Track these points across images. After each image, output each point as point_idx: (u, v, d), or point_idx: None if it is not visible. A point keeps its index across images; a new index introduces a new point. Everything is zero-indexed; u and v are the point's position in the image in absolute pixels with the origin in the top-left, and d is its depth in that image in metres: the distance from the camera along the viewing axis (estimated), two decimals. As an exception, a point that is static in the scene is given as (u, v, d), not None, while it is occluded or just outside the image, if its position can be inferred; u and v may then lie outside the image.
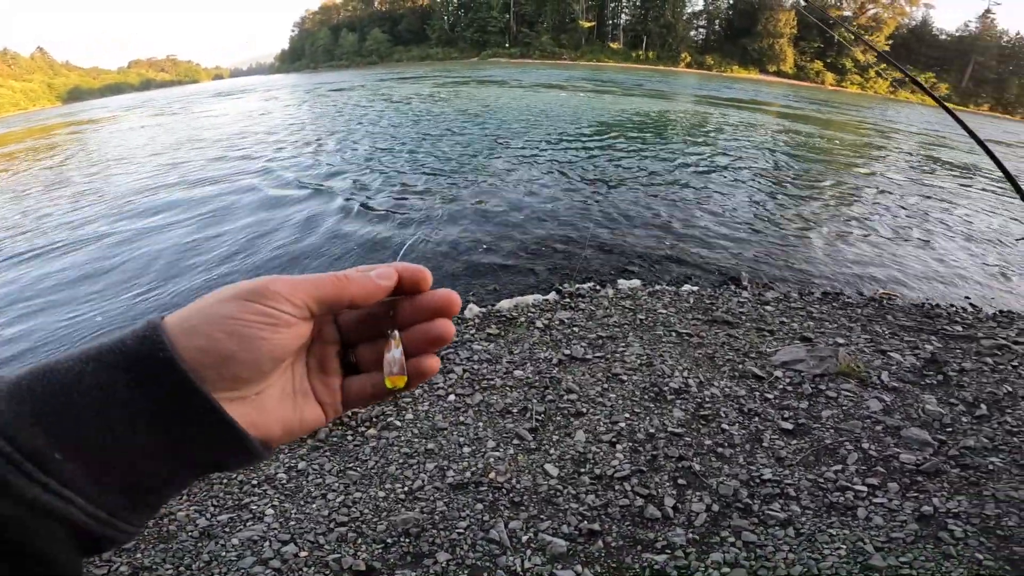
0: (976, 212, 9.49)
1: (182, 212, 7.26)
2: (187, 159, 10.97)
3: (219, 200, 7.66)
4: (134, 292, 4.96)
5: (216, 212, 7.14)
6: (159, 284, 5.08)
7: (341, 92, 27.43)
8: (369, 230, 6.24)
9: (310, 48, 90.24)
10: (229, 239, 6.10)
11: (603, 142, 12.65)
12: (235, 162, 10.34)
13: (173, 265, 5.50)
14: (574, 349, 3.59)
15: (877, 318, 4.50)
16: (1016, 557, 2.09)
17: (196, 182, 8.92)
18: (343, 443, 2.74)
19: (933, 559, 2.10)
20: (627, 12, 77.57)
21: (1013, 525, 2.25)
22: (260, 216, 6.89)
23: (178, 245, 6.02)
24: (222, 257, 5.63)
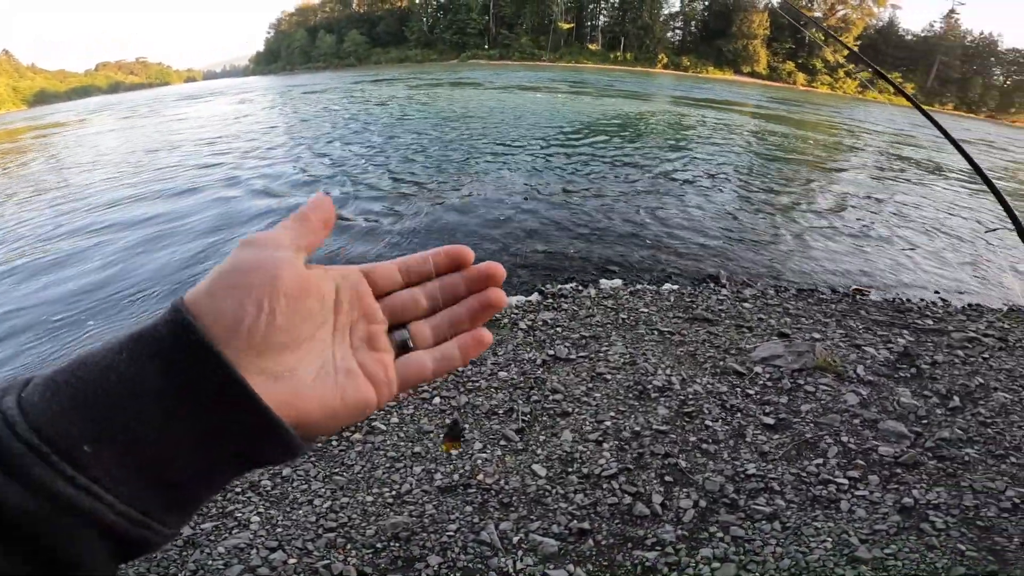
0: (943, 208, 9.81)
1: (141, 223, 6.85)
2: (153, 165, 10.62)
3: (182, 210, 7.30)
4: (82, 308, 4.63)
5: (177, 222, 6.75)
6: (109, 303, 4.72)
7: (318, 94, 27.12)
8: (342, 238, 6.05)
9: (286, 50, 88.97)
10: (185, 252, 5.77)
11: (581, 143, 12.74)
12: (202, 169, 10.00)
13: (125, 279, 5.13)
14: (558, 349, 3.61)
15: (851, 313, 4.61)
16: (998, 547, 2.15)
17: (159, 191, 8.49)
18: (327, 448, 2.71)
19: (917, 550, 2.15)
20: (605, 14, 78.36)
21: (992, 515, 2.32)
22: (220, 228, 6.52)
23: (132, 256, 5.69)
24: (173, 271, 5.25)
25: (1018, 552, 2.13)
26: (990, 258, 7.15)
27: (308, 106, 21.37)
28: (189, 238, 6.14)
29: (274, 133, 14.26)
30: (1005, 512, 2.34)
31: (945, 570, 2.05)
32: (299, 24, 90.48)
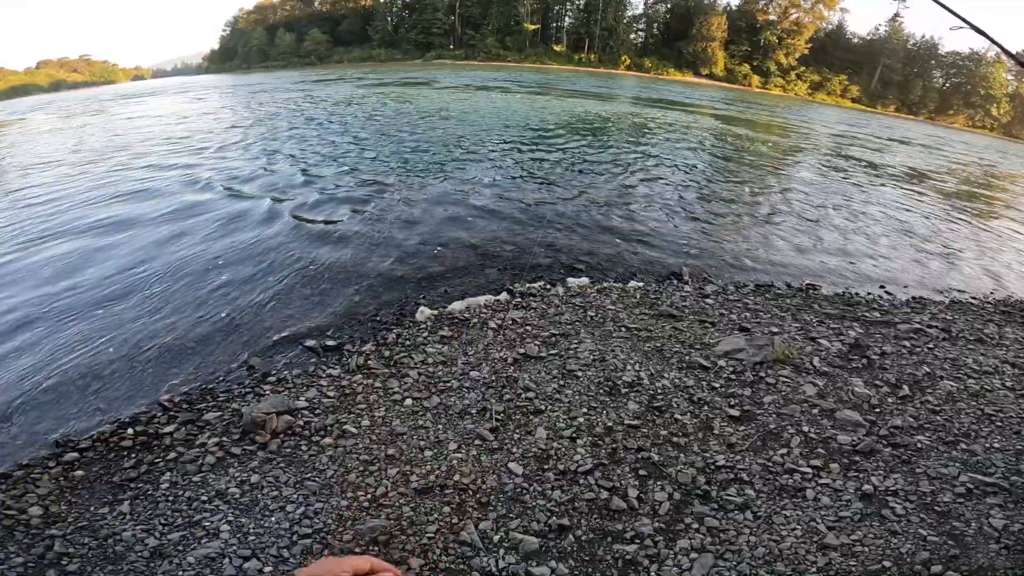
0: (886, 204, 10.37)
1: (83, 233, 6.20)
2: (101, 165, 9.99)
3: (131, 220, 6.61)
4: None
5: (124, 233, 6.10)
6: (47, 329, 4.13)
7: (276, 93, 26.41)
8: (307, 245, 5.76)
9: (243, 48, 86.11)
10: (141, 271, 5.11)
11: (547, 143, 12.83)
12: (149, 171, 9.40)
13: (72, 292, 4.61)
14: (528, 348, 3.64)
15: (805, 307, 4.81)
16: (957, 532, 2.28)
17: (109, 194, 7.82)
18: (297, 453, 2.66)
19: (881, 536, 2.26)
20: (571, 15, 78.93)
21: (948, 501, 2.45)
22: (173, 238, 5.94)
23: (77, 269, 5.14)
24: (122, 296, 4.57)
25: (977, 537, 2.25)
26: (930, 252, 7.58)
27: (266, 105, 20.77)
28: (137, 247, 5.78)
29: (230, 131, 13.70)
30: (960, 497, 2.47)
31: (909, 555, 2.16)
32: (258, 22, 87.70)
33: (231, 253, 5.50)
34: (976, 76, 70.83)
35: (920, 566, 2.11)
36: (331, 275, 5.00)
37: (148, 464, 2.59)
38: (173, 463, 2.59)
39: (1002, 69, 70.54)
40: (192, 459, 2.61)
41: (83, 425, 2.96)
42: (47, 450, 2.76)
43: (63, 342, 3.83)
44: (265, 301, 4.47)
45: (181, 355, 3.68)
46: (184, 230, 6.16)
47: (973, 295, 5.96)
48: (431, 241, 5.95)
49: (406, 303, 4.52)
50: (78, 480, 2.51)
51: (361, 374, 3.34)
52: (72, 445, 2.75)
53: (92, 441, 2.78)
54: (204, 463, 2.58)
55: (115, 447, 2.72)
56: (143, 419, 2.96)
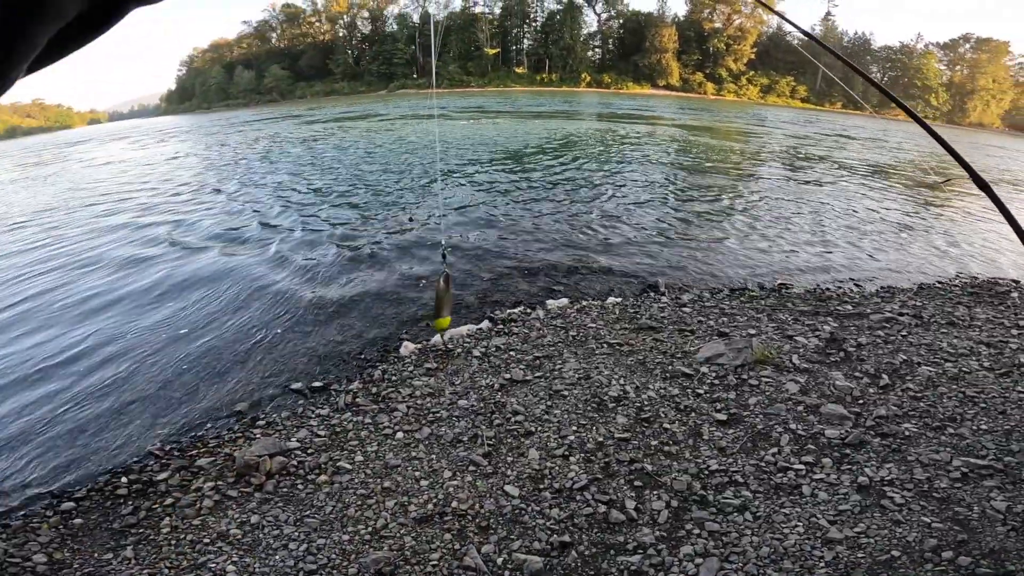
0: (843, 199, 10.77)
1: (54, 290, 6.03)
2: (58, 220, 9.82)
3: (107, 274, 6.47)
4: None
5: (99, 289, 5.91)
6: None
7: (241, 133, 26.29)
8: (283, 289, 5.64)
9: (201, 87, 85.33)
10: (118, 324, 4.98)
11: (516, 167, 13.03)
12: (121, 223, 9.16)
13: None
14: (514, 372, 3.66)
15: (779, 307, 4.93)
16: (961, 517, 2.33)
17: (78, 252, 7.59)
18: (294, 492, 2.65)
19: (885, 526, 2.30)
20: (529, 37, 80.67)
21: (946, 487, 2.51)
22: (150, 291, 5.81)
23: (51, 326, 5.02)
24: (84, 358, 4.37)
25: (982, 520, 2.29)
26: (892, 241, 7.87)
27: (230, 145, 20.66)
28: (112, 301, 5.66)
29: (198, 177, 13.57)
30: (957, 482, 2.53)
31: (917, 543, 2.20)
32: (214, 61, 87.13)
33: (208, 302, 5.42)
34: (910, 68, 74.28)
35: (930, 553, 2.14)
36: (312, 317, 4.97)
37: (146, 510, 2.59)
38: (171, 508, 2.59)
39: (933, 60, 74.23)
40: (190, 503, 2.60)
41: (76, 476, 2.98)
42: (43, 500, 2.77)
43: (47, 398, 3.80)
44: (247, 347, 4.43)
45: (167, 405, 3.66)
46: (161, 281, 6.04)
47: (939, 279, 6.19)
48: (408, 275, 5.94)
49: (389, 339, 4.51)
50: (78, 528, 2.52)
51: (350, 412, 3.32)
52: (68, 495, 2.77)
53: (87, 491, 2.79)
54: (202, 507, 2.58)
55: (111, 495, 2.73)
56: (135, 468, 2.97)
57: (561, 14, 76.77)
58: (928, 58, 74.19)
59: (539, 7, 79.35)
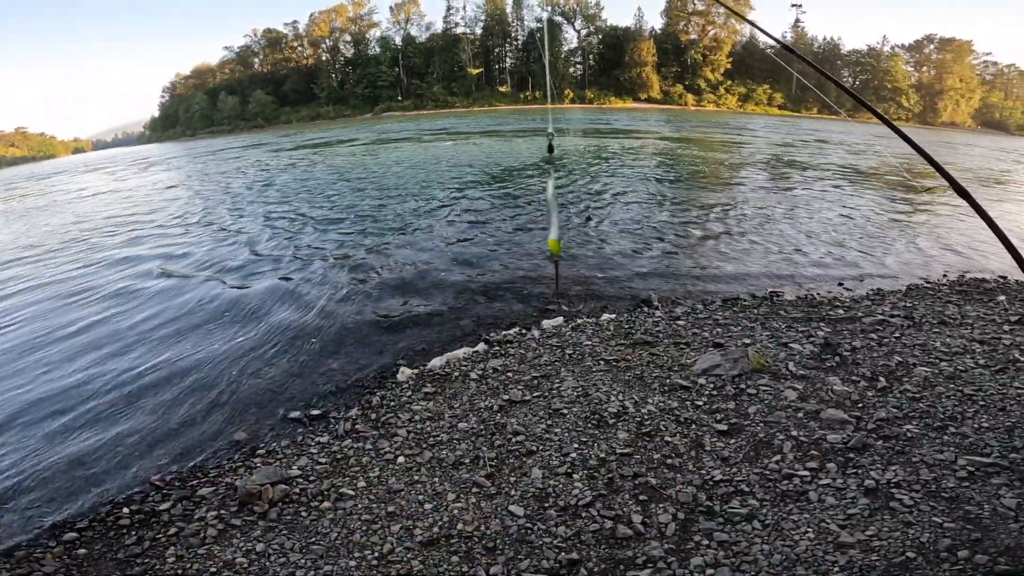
0: (827, 204, 10.98)
1: (45, 321, 6.03)
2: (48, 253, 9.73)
3: (100, 306, 6.43)
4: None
5: (91, 321, 5.88)
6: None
7: (225, 160, 26.28)
8: (277, 318, 5.59)
9: (184, 114, 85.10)
10: (112, 357, 4.93)
11: (504, 186, 13.14)
12: (111, 255, 9.17)
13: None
14: (512, 393, 3.64)
15: (772, 315, 4.97)
16: (972, 515, 2.32)
17: (71, 283, 7.58)
18: (297, 520, 2.63)
19: (897, 528, 2.29)
20: (511, 56, 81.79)
21: (953, 486, 2.50)
22: (143, 322, 5.72)
23: (44, 360, 4.98)
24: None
25: (994, 518, 2.29)
26: (876, 243, 8.00)
27: (216, 174, 20.65)
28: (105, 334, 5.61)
29: (187, 206, 13.49)
30: (964, 481, 2.53)
31: (931, 544, 2.19)
32: (196, 87, 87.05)
33: (200, 332, 5.38)
34: (880, 71, 75.97)
35: (946, 552, 2.14)
36: (307, 345, 4.95)
37: (151, 540, 2.58)
38: (176, 537, 2.57)
39: (900, 62, 76.00)
40: (194, 532, 2.59)
41: (76, 506, 2.98)
42: (45, 530, 2.77)
43: (43, 429, 3.79)
44: (243, 377, 4.39)
45: (165, 436, 3.63)
46: (153, 313, 5.98)
47: (927, 280, 6.28)
48: (402, 300, 5.92)
49: (386, 365, 4.49)
50: (83, 558, 2.51)
51: (350, 438, 3.29)
52: (70, 525, 2.77)
53: (89, 521, 2.78)
54: (207, 536, 2.56)
55: (114, 525, 2.72)
56: (137, 498, 2.96)
57: (541, 32, 78.10)
58: (895, 60, 76.02)
59: (519, 26, 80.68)
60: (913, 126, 65.76)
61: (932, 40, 75.80)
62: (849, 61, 79.78)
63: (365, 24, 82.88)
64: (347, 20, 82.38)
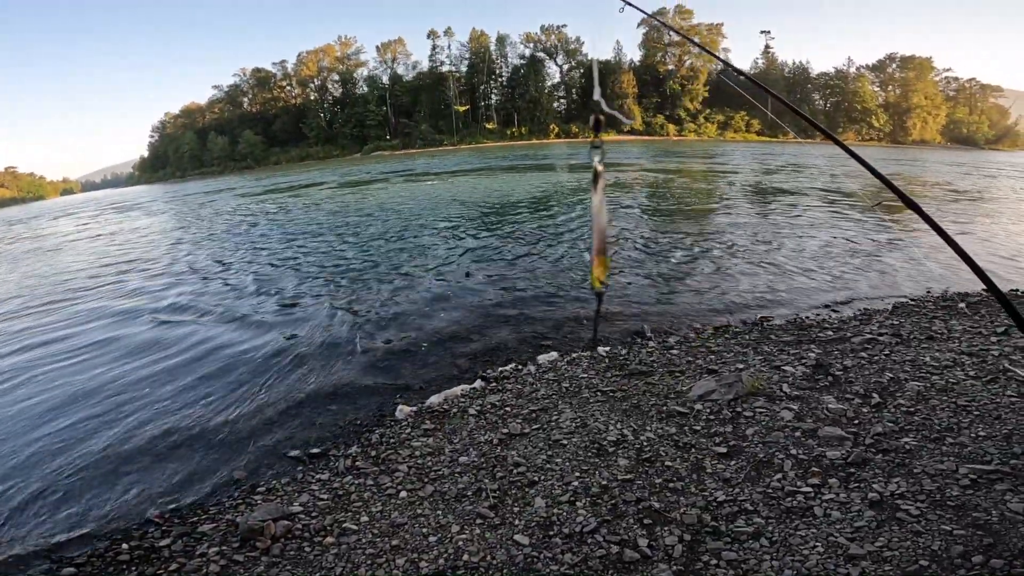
0: (808, 228, 11.27)
1: (39, 362, 6.07)
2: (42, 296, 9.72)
3: (94, 347, 6.46)
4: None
5: (85, 363, 5.90)
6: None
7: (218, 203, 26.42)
8: (275, 359, 5.58)
9: (174, 154, 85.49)
10: (106, 397, 4.94)
11: (493, 224, 13.30)
12: (108, 297, 9.26)
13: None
14: (511, 427, 3.66)
15: (763, 340, 5.05)
16: (981, 521, 2.35)
17: (65, 323, 7.85)
18: (302, 555, 2.61)
19: (906, 538, 2.31)
20: (496, 92, 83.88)
21: (958, 494, 2.54)
22: (136, 364, 5.72)
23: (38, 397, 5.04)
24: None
25: (1003, 523, 2.32)
26: (858, 266, 8.19)
27: (208, 218, 20.74)
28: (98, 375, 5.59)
29: (179, 251, 13.46)
30: (968, 489, 2.57)
31: (943, 551, 2.21)
32: (186, 127, 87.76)
33: (195, 373, 5.36)
34: (849, 93, 78.61)
35: (959, 559, 2.15)
36: (303, 385, 4.94)
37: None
38: (177, 574, 2.55)
39: (866, 83, 78.67)
40: (196, 568, 2.56)
41: (74, 542, 2.97)
42: (42, 566, 2.75)
43: (39, 468, 3.79)
44: (239, 416, 4.38)
45: (163, 474, 3.63)
46: (146, 355, 5.97)
47: (911, 297, 6.41)
48: (398, 340, 5.92)
49: (384, 404, 4.50)
50: None
51: (351, 475, 3.28)
52: (68, 561, 2.75)
53: (88, 556, 2.77)
54: (209, 572, 2.54)
55: (113, 561, 2.71)
56: (135, 534, 2.95)
57: (524, 68, 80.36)
58: (862, 81, 78.79)
59: (504, 63, 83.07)
60: (885, 146, 67.72)
61: (894, 59, 78.86)
62: (819, 84, 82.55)
63: (352, 63, 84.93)
64: (334, 59, 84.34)
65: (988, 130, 76.59)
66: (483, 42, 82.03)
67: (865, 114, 77.47)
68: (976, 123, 77.01)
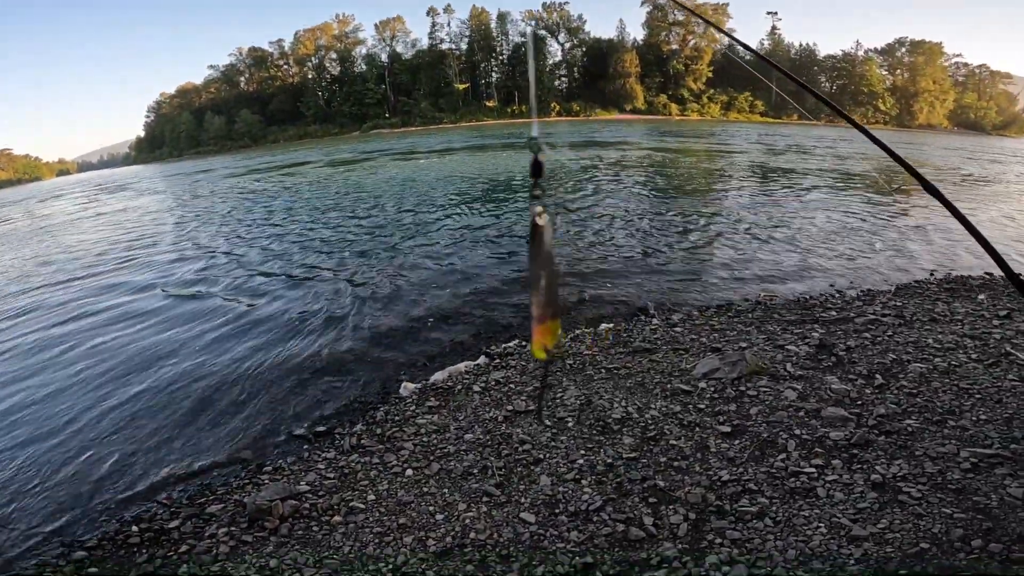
0: (812, 208, 11.20)
1: (45, 338, 6.20)
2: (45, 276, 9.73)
3: (99, 326, 6.55)
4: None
5: (87, 340, 5.97)
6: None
7: (217, 181, 26.22)
8: (278, 337, 5.59)
9: (171, 134, 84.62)
10: (110, 373, 4.99)
11: (495, 201, 13.24)
12: (111, 275, 9.31)
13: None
14: (516, 404, 3.66)
15: (766, 319, 5.04)
16: (981, 505, 2.37)
17: (73, 302, 7.87)
18: (310, 534, 2.63)
19: (908, 520, 2.33)
20: (497, 71, 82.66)
21: (959, 478, 2.55)
22: (139, 341, 5.80)
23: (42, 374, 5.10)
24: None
25: (1003, 507, 2.33)
26: (862, 247, 8.15)
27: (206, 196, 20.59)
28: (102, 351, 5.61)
29: (186, 229, 13.36)
30: (969, 473, 2.58)
31: (943, 534, 2.23)
32: (182, 107, 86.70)
33: (200, 352, 5.36)
34: (856, 76, 77.55)
35: (959, 542, 2.18)
36: (308, 363, 4.94)
37: (162, 558, 2.56)
38: (187, 555, 2.56)
39: (874, 66, 77.63)
40: (206, 550, 2.57)
41: (84, 526, 2.98)
42: (54, 550, 2.77)
43: (46, 449, 3.79)
44: (245, 396, 4.39)
45: (170, 455, 3.62)
46: (150, 335, 5.97)
47: (915, 279, 6.40)
48: (401, 317, 5.92)
49: (388, 381, 4.50)
50: None
51: (357, 453, 3.29)
52: (79, 544, 2.76)
53: (99, 540, 2.77)
54: (219, 552, 2.55)
55: (123, 544, 2.71)
56: (145, 516, 2.95)
57: (526, 46, 79.02)
58: (870, 64, 77.74)
59: (504, 40, 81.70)
60: (891, 129, 67.01)
61: (903, 43, 77.70)
62: (826, 67, 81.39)
63: (351, 42, 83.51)
64: (332, 38, 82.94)
65: (996, 116, 75.76)
66: (483, 19, 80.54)
67: (871, 97, 76.47)
68: (984, 109, 76.17)
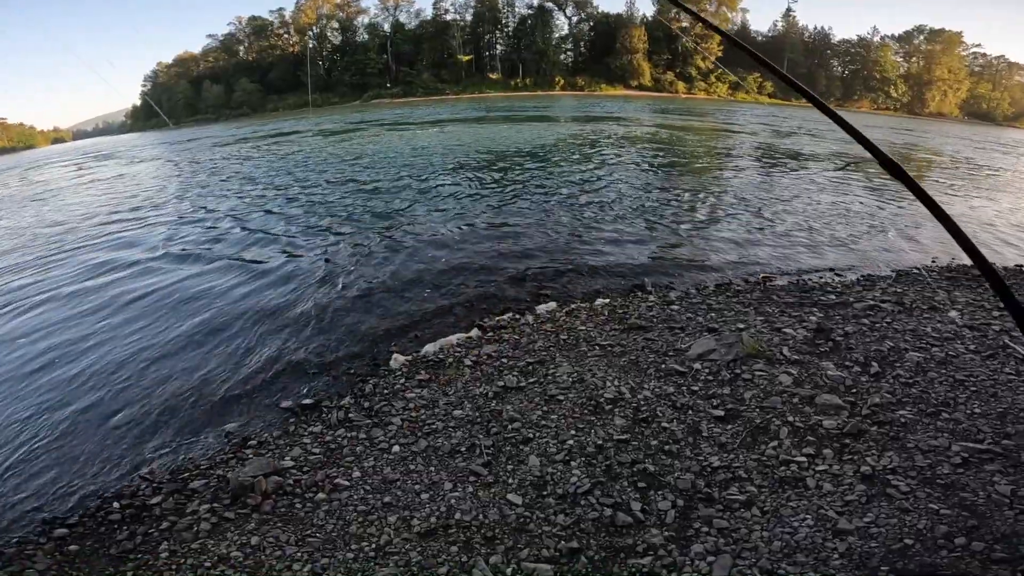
0: (816, 190, 11.04)
1: (30, 310, 6.10)
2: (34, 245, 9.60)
3: (80, 292, 6.51)
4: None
5: (71, 308, 5.91)
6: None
7: (215, 148, 25.85)
8: (265, 306, 5.53)
9: (168, 103, 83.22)
10: (92, 346, 4.88)
11: (496, 173, 13.02)
12: (99, 244, 9.18)
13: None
14: (507, 380, 3.61)
15: (765, 300, 4.97)
16: (968, 502, 2.33)
17: (63, 269, 7.79)
18: (293, 512, 2.58)
19: (894, 515, 2.30)
20: (501, 43, 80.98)
21: (948, 472, 2.51)
22: (122, 311, 5.73)
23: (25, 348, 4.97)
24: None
25: (988, 505, 2.30)
26: (864, 231, 8.05)
27: (204, 162, 20.30)
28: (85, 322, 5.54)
29: (174, 196, 13.22)
30: (959, 468, 2.54)
31: (928, 530, 2.20)
32: (180, 76, 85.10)
33: (186, 323, 5.26)
34: (869, 61, 76.28)
35: (943, 540, 2.14)
36: (297, 334, 4.86)
37: (143, 535, 2.53)
38: (168, 532, 2.53)
39: (889, 52, 76.34)
40: (187, 527, 2.54)
41: (65, 502, 2.92)
42: (34, 527, 2.72)
43: (27, 424, 3.70)
44: (232, 367, 4.31)
45: (153, 428, 3.56)
46: (136, 304, 5.86)
47: (915, 266, 6.31)
48: (393, 287, 5.84)
49: (378, 352, 4.43)
50: (74, 554, 2.47)
51: (344, 428, 3.25)
52: (60, 521, 2.72)
53: (80, 516, 2.73)
54: (200, 530, 2.51)
55: (104, 520, 2.67)
56: (127, 492, 2.89)
57: (532, 18, 77.34)
58: (885, 51, 76.43)
59: (510, 12, 79.85)
60: (900, 116, 66.12)
61: (922, 31, 76.23)
62: (839, 51, 79.98)
63: (353, 11, 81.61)
64: (334, 7, 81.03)
65: (1008, 107, 74.67)
66: (489, -11, 78.48)
67: (884, 83, 75.22)
68: (997, 100, 75.00)
